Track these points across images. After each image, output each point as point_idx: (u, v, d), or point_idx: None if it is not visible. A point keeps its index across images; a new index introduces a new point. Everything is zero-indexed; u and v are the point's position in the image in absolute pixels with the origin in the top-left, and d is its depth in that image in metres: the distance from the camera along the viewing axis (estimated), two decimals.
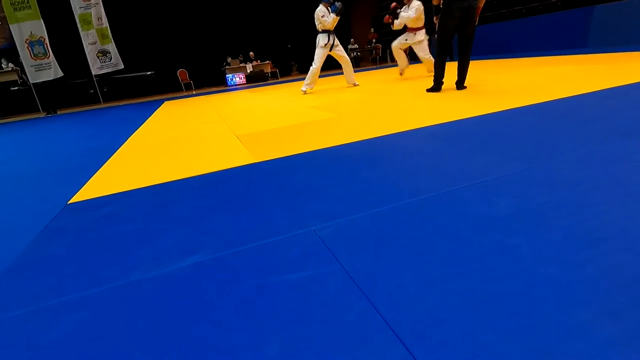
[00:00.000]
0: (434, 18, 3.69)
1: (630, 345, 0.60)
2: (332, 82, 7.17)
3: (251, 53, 12.26)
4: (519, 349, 0.62)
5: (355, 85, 5.61)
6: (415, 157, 1.75)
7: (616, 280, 0.75)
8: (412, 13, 5.05)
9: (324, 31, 5.14)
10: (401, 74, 6.13)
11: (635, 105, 2.18)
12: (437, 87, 3.70)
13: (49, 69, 8.21)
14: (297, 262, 0.97)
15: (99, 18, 9.25)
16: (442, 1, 3.39)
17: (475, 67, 6.06)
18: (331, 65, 6.12)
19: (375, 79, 6.68)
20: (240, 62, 11.97)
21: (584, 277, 0.77)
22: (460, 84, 3.69)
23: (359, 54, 13.58)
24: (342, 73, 5.96)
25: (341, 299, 0.81)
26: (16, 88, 9.30)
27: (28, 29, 7.99)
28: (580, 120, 2.02)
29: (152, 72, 11.41)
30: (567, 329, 0.65)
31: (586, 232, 0.94)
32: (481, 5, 3.35)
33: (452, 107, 2.88)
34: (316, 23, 5.16)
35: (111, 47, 9.55)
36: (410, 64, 6.36)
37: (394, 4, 5.59)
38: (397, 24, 5.35)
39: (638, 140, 1.57)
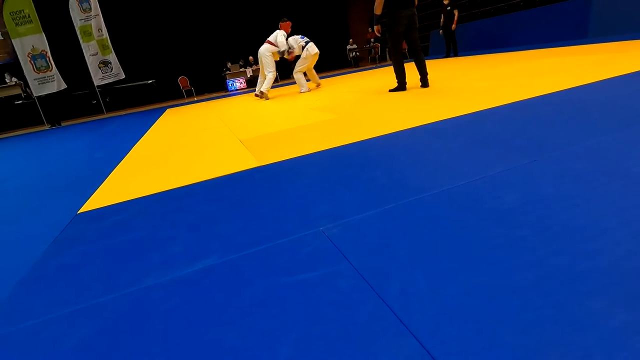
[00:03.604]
0: (375, 28, 4.04)
1: None
2: (330, 83, 7.19)
3: (251, 57, 12.30)
4: (533, 341, 0.62)
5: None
6: (418, 155, 1.75)
7: (626, 269, 0.75)
8: None
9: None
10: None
11: (637, 93, 2.17)
12: (401, 87, 4.05)
13: (52, 81, 8.29)
14: (307, 263, 0.98)
15: (99, 29, 9.33)
16: (387, 12, 3.76)
17: (474, 62, 6.05)
18: (327, 67, 6.35)
19: (372, 78, 6.68)
20: (240, 67, 12.03)
21: (594, 267, 0.77)
22: (424, 81, 3.97)
23: (357, 54, 13.59)
24: (330, 76, 6.56)
25: (352, 297, 0.81)
26: (20, 102, 9.41)
27: (30, 43, 8.08)
28: (583, 111, 2.01)
29: (153, 80, 11.50)
30: (579, 319, 0.65)
31: (594, 222, 0.94)
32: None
33: (450, 104, 2.88)
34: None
35: (112, 57, 9.64)
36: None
37: None
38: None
39: None
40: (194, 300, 0.90)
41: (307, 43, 5.96)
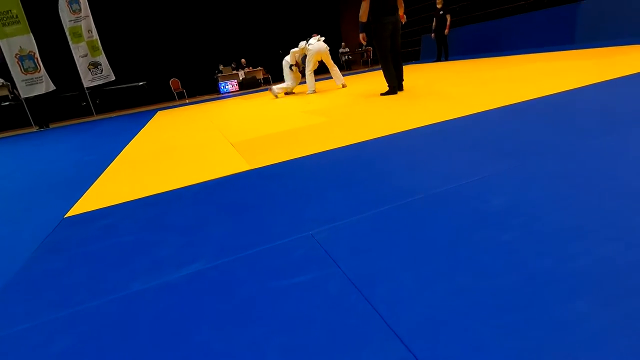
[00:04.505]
0: (361, 35, 4.16)
1: (624, 332, 0.62)
2: (322, 86, 7.21)
3: (243, 60, 12.29)
4: (518, 343, 0.63)
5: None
6: (407, 158, 1.77)
7: (608, 270, 0.77)
8: None
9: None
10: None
11: (621, 98, 2.22)
12: (392, 90, 4.13)
13: (40, 83, 8.17)
14: (295, 267, 0.98)
15: (89, 30, 9.23)
16: (372, 19, 3.92)
17: (465, 67, 6.13)
18: (319, 71, 6.38)
19: (364, 82, 6.72)
20: (233, 70, 12.00)
21: (578, 269, 0.79)
22: (400, 86, 4.25)
23: (350, 57, 13.67)
24: (330, 77, 6.66)
25: (340, 301, 0.81)
26: (7, 103, 9.25)
27: (17, 43, 7.96)
28: (568, 115, 2.05)
29: (144, 82, 11.41)
30: (563, 320, 0.66)
31: (578, 224, 0.96)
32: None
33: (440, 108, 2.91)
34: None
35: (102, 59, 9.54)
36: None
37: None
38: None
39: (625, 133, 1.60)
40: (181, 305, 0.90)
41: (308, 42, 5.88)
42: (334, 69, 6.13)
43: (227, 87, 11.70)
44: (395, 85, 4.11)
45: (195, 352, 0.73)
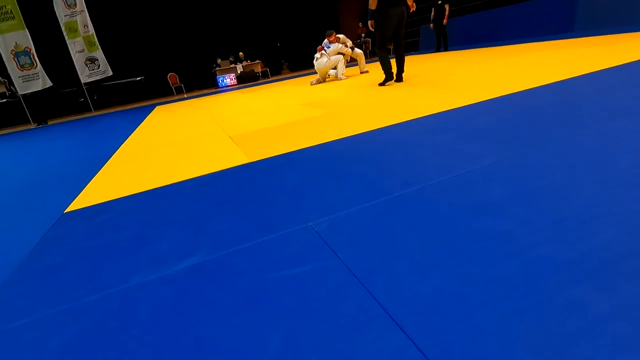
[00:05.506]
0: (369, 23, 4.24)
1: (621, 317, 0.62)
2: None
3: (241, 53, 12.20)
4: (516, 329, 0.63)
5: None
6: (406, 149, 1.76)
7: (606, 257, 0.77)
8: None
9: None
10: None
11: (620, 87, 2.21)
12: (388, 77, 4.21)
13: (37, 79, 8.12)
14: (295, 258, 0.98)
15: (85, 25, 9.15)
16: (378, 8, 3.98)
17: (464, 57, 6.08)
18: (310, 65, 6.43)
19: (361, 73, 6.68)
20: (231, 63, 11.91)
21: (575, 256, 0.79)
22: (399, 77, 4.28)
23: None
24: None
25: (340, 291, 0.82)
26: (5, 100, 9.20)
27: (13, 39, 7.89)
28: (568, 104, 2.04)
29: (142, 77, 11.32)
30: (561, 306, 0.66)
31: (576, 213, 0.96)
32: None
33: (439, 98, 2.89)
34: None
35: (99, 54, 9.46)
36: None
37: None
38: None
39: (624, 122, 1.59)
40: (181, 297, 0.90)
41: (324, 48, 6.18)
42: (337, 65, 6.33)
43: (225, 80, 11.63)
44: (390, 70, 4.19)
45: (195, 344, 0.74)
